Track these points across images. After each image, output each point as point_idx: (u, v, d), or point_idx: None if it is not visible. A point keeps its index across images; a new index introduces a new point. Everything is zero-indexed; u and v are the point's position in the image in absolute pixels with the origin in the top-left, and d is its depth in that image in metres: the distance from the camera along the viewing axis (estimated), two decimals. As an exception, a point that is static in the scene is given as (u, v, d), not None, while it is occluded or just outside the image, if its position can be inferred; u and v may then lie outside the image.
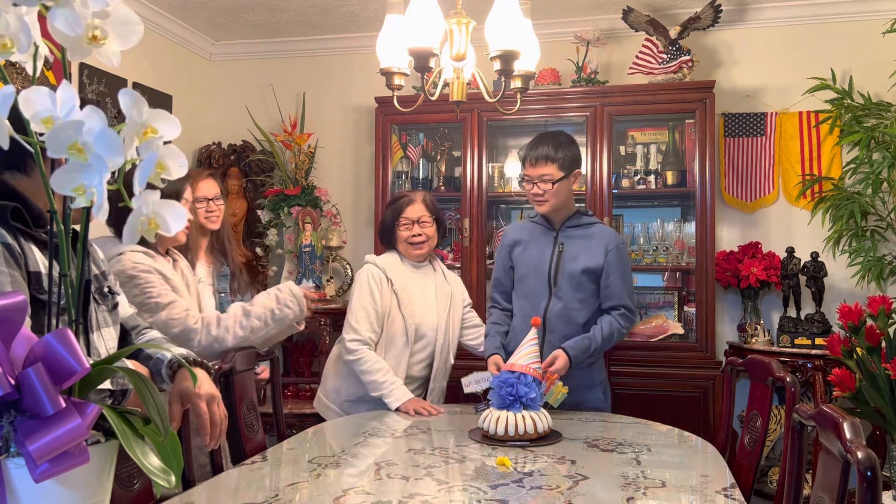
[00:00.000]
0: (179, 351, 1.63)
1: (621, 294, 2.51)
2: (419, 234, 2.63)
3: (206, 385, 1.52)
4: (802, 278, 3.51)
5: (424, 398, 2.61)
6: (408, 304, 2.57)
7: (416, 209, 2.63)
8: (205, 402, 1.50)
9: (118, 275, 2.03)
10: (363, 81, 4.20)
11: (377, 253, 2.98)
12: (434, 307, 2.64)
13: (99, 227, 1.51)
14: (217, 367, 2.00)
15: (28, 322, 1.26)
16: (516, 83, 2.23)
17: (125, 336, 1.67)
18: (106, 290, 1.54)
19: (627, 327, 2.53)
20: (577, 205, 2.69)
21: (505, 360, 2.41)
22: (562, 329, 2.49)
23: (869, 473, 1.09)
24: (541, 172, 2.50)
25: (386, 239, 2.75)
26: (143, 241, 2.15)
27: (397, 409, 2.42)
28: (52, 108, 0.84)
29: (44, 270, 1.33)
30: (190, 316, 2.12)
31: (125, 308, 1.70)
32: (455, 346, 2.69)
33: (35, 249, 1.34)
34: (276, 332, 2.28)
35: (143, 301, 2.06)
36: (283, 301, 2.22)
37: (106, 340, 1.49)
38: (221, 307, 2.56)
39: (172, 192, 2.17)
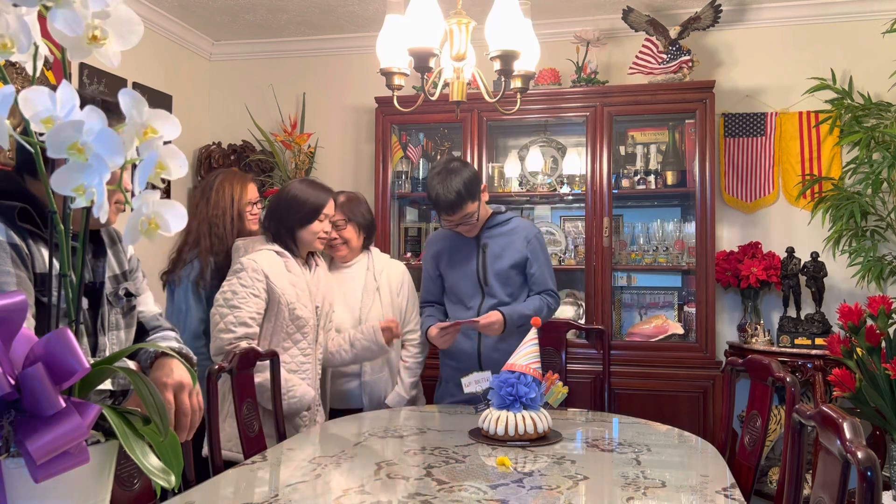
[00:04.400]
0: (169, 344, 1.61)
1: (545, 280, 2.67)
2: (329, 233, 2.60)
3: (176, 373, 1.42)
4: (802, 278, 3.51)
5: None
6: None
7: (332, 207, 2.59)
8: (171, 391, 1.40)
9: (236, 264, 2.39)
10: (363, 81, 4.20)
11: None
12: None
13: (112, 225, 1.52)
14: (217, 367, 2.00)
15: (33, 323, 1.26)
16: (516, 83, 2.23)
17: (143, 336, 1.65)
18: (121, 292, 1.53)
19: (554, 307, 2.69)
20: (488, 205, 2.76)
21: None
22: None
23: (869, 473, 1.09)
24: (461, 216, 2.56)
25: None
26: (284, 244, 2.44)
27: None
28: (52, 108, 0.84)
29: (54, 271, 1.32)
30: (239, 334, 2.32)
31: (149, 307, 1.69)
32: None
33: (44, 251, 1.34)
34: (367, 358, 2.63)
35: (228, 297, 2.34)
36: (367, 333, 2.55)
37: (117, 343, 1.48)
38: None
39: (317, 205, 2.45)
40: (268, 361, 2.25)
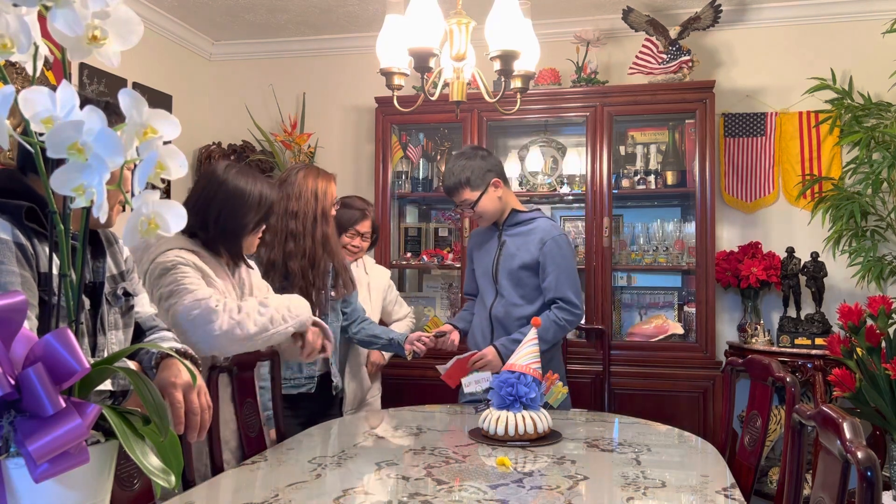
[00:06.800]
0: (171, 345, 1.61)
1: (559, 286, 2.52)
2: (358, 246, 2.91)
3: (184, 373, 1.41)
4: (802, 278, 3.51)
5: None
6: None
7: (366, 225, 2.89)
8: (180, 391, 1.39)
9: (158, 265, 1.95)
10: (363, 81, 4.20)
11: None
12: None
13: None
14: (218, 367, 2.00)
15: (35, 323, 1.26)
16: (516, 83, 2.23)
17: (140, 337, 1.65)
18: (120, 292, 1.53)
19: (567, 320, 2.51)
20: (532, 204, 2.79)
21: (462, 334, 2.74)
22: (506, 325, 2.59)
23: (869, 473, 1.09)
24: (459, 200, 2.61)
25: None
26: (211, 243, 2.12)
27: None
28: (52, 108, 0.84)
29: (54, 271, 1.32)
30: (212, 299, 1.95)
31: (145, 308, 1.68)
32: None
33: (48, 250, 1.34)
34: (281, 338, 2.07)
35: (174, 289, 1.93)
36: (294, 310, 2.04)
37: (116, 342, 1.48)
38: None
39: (269, 205, 2.09)
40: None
